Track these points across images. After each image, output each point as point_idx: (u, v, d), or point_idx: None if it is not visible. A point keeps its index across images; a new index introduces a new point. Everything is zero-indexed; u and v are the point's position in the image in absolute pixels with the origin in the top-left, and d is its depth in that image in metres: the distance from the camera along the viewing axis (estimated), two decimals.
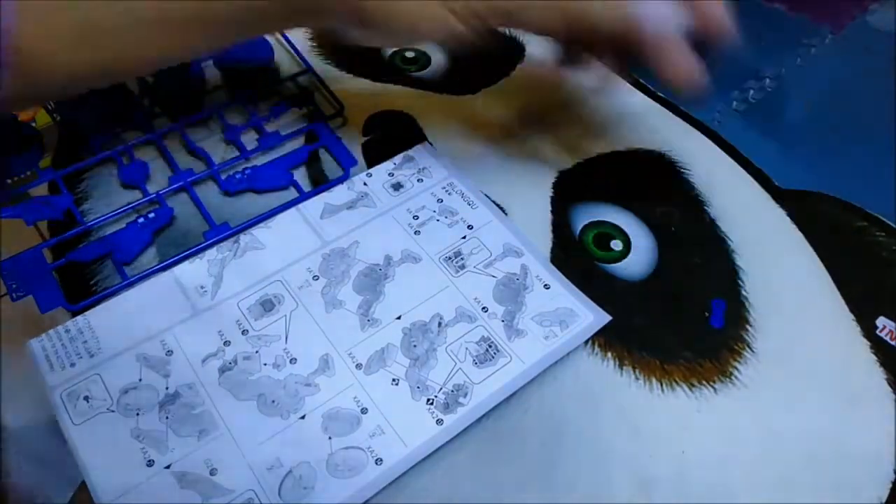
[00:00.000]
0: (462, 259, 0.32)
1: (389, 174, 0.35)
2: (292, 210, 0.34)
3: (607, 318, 0.31)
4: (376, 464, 0.26)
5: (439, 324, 0.30)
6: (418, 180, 0.34)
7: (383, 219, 0.27)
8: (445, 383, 0.29)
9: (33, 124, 0.39)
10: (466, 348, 0.29)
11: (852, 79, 0.44)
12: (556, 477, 0.28)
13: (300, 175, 0.37)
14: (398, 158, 0.36)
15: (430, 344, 0.29)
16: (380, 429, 0.27)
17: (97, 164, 0.37)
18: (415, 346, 0.29)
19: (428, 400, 0.28)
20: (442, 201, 0.28)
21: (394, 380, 0.28)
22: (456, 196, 0.34)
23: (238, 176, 0.36)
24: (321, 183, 0.37)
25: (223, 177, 0.36)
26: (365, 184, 0.35)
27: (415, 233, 0.33)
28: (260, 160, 0.37)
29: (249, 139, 0.38)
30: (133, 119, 0.38)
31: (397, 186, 0.32)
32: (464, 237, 0.33)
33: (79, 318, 0.30)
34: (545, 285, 0.32)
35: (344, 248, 0.32)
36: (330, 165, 0.37)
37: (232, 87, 0.40)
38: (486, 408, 0.28)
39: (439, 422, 0.28)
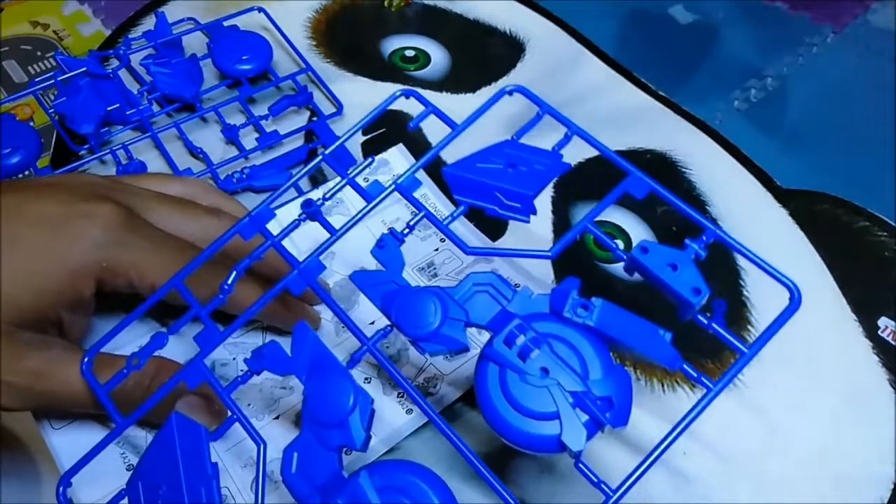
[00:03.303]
0: (435, 268, 0.32)
1: (364, 179, 0.35)
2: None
3: None
4: (345, 454, 0.26)
5: None
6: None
7: (357, 229, 0.27)
8: (416, 377, 0.29)
9: (31, 123, 0.39)
10: None
11: (854, 78, 0.44)
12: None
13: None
14: (371, 159, 0.35)
15: (403, 344, 0.30)
16: None
17: (95, 164, 0.37)
18: (387, 347, 0.29)
19: (398, 393, 0.29)
20: (416, 215, 0.28)
21: (366, 378, 0.29)
22: (429, 208, 0.34)
23: (237, 175, 0.36)
24: (320, 182, 0.36)
25: (222, 176, 0.36)
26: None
27: None
28: (259, 159, 0.37)
29: (248, 138, 0.38)
30: (131, 118, 0.37)
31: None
32: (436, 249, 0.33)
33: None
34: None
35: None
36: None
37: (231, 86, 0.40)
38: (455, 394, 0.28)
39: (409, 411, 0.28)
